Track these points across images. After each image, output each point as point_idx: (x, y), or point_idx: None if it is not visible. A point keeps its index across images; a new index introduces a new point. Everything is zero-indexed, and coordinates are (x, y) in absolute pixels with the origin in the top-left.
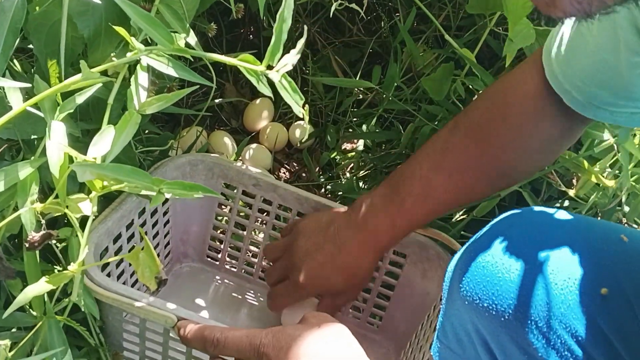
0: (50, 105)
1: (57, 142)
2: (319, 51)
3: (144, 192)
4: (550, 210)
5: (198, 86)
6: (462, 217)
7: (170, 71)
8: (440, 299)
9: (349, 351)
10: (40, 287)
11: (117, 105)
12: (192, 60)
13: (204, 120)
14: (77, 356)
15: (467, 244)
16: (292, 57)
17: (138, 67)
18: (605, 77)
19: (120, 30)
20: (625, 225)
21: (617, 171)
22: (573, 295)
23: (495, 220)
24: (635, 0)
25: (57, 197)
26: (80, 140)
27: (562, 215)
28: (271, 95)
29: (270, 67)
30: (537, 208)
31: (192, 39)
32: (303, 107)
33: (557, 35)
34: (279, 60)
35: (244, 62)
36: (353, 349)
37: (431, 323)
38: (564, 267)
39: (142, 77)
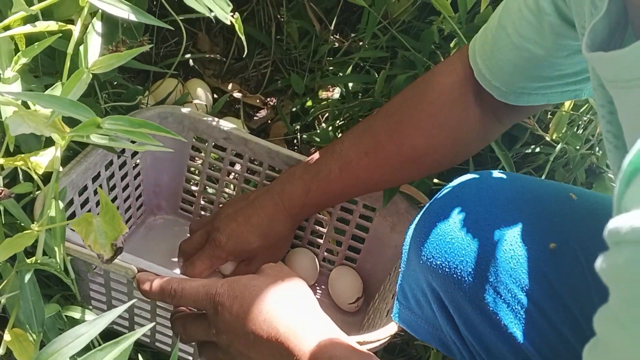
0: (7, 56)
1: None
2: None
3: (94, 139)
4: (504, 173)
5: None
6: None
7: (122, 13)
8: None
9: (307, 311)
10: (4, 252)
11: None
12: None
13: (176, 70)
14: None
15: (425, 207)
16: None
17: (94, 19)
18: (532, 67)
19: None
20: (596, 167)
21: (592, 116)
22: (522, 251)
23: (452, 183)
24: None
25: (9, 150)
26: None
27: (515, 177)
28: (205, 11)
29: None
30: (492, 171)
31: None
32: (232, 14)
33: (481, 34)
34: None
35: None
36: (311, 308)
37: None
38: (513, 225)
39: (98, 27)
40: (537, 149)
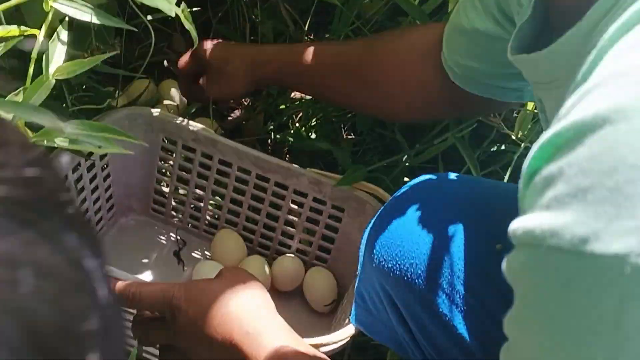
0: None
1: None
2: None
3: (58, 143)
4: (460, 176)
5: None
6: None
7: (86, 17)
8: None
9: (262, 315)
10: None
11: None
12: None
13: (152, 70)
14: None
15: (380, 210)
16: None
17: (60, 27)
18: (480, 50)
19: None
20: None
21: None
22: (471, 253)
23: (406, 185)
24: None
25: None
26: None
27: (469, 179)
28: (175, 13)
29: None
30: (449, 173)
31: None
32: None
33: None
34: None
35: None
36: (267, 312)
37: None
38: (462, 227)
39: (63, 35)
40: (503, 147)
